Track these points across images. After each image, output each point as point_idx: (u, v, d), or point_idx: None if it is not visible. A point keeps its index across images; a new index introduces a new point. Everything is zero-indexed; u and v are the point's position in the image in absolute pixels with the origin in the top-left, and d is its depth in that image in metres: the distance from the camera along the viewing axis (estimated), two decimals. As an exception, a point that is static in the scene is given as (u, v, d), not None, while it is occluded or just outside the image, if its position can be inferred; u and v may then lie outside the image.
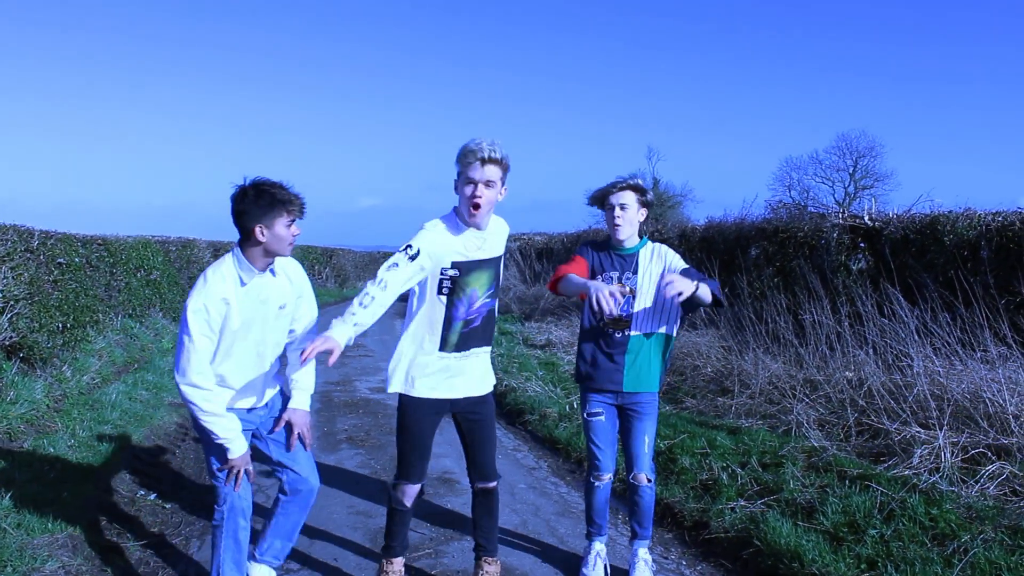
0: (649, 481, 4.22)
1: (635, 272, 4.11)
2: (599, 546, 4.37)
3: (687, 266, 4.09)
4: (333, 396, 9.42)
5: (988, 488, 4.87)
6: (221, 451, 3.53)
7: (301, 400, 3.80)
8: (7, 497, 4.86)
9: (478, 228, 3.70)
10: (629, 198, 4.06)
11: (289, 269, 3.71)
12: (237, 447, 3.51)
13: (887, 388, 6.29)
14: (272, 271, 3.58)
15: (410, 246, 3.63)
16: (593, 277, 4.12)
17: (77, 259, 9.56)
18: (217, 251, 17.66)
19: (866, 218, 9.48)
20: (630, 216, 4.07)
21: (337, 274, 33.36)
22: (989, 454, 5.21)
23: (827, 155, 44.50)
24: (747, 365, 8.07)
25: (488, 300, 3.82)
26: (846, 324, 7.44)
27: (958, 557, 4.04)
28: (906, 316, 6.77)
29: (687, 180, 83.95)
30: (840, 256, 9.38)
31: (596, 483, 4.27)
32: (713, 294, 3.88)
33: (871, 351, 6.97)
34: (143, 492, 5.60)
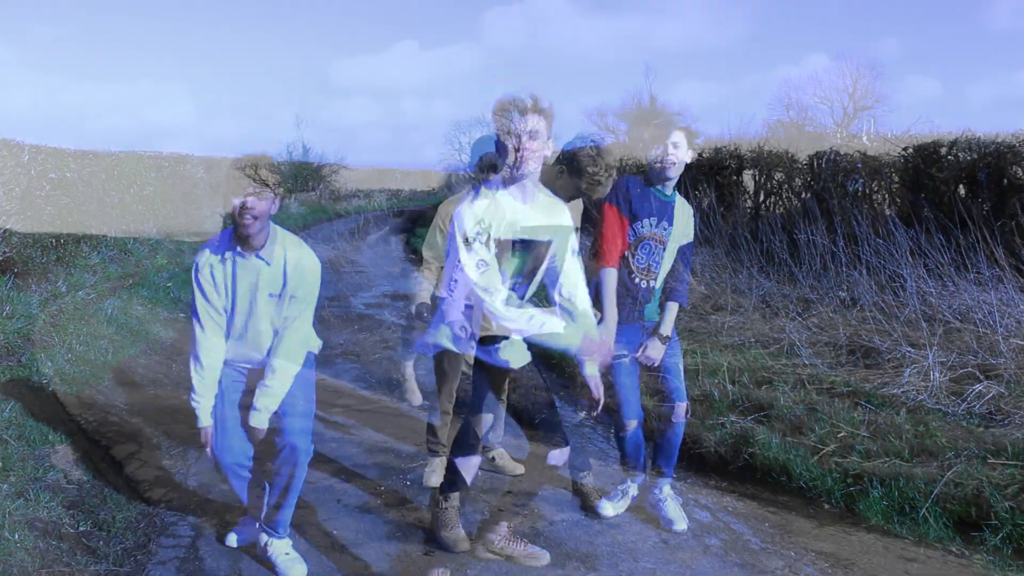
0: (688, 413, 4.10)
1: (671, 223, 3.98)
2: (634, 488, 4.23)
3: (691, 239, 4.11)
4: (328, 312, 9.46)
5: (975, 407, 4.95)
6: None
7: (256, 418, 3.39)
8: (8, 409, 4.91)
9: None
10: (682, 138, 3.89)
11: (292, 260, 3.37)
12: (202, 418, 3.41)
13: (879, 308, 6.34)
14: (262, 258, 3.29)
15: None
16: (629, 225, 3.91)
17: (69, 174, 9.46)
18: (210, 167, 17.46)
19: (864, 139, 9.39)
20: (681, 156, 3.91)
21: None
22: (977, 374, 5.28)
23: (827, 74, 43.81)
24: (741, 283, 8.10)
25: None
26: (840, 244, 7.44)
27: (941, 472, 4.14)
28: (901, 237, 6.77)
29: (684, 98, 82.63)
30: (837, 176, 9.32)
31: (624, 434, 4.05)
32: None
33: (864, 271, 7.00)
34: (142, 406, 5.66)
